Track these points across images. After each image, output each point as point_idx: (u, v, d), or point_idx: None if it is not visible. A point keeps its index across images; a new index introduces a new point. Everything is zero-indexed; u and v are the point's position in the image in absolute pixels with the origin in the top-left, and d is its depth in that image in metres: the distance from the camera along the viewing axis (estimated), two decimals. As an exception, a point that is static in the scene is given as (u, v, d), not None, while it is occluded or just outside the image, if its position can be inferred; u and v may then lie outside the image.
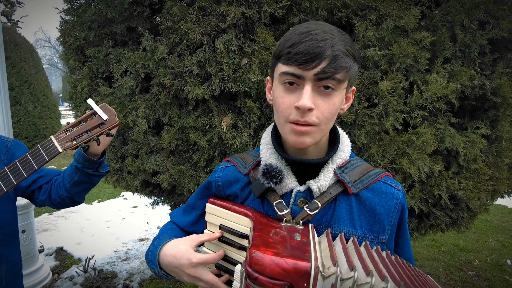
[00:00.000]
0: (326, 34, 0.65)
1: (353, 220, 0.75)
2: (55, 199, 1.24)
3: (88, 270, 3.36)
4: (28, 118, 6.28)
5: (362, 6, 1.54)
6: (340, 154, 0.78)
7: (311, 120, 0.67)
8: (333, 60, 0.64)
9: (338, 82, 0.66)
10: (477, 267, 3.55)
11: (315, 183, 0.74)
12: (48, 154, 1.01)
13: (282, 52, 0.68)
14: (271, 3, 1.51)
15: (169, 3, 1.63)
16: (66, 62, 2.21)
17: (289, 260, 0.59)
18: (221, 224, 0.80)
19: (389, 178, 0.79)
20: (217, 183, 0.87)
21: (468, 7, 1.60)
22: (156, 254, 0.80)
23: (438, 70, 1.62)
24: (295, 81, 0.67)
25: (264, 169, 0.76)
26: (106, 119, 1.03)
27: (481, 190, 1.86)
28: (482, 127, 1.79)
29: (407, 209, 0.80)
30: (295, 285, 0.58)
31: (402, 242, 0.81)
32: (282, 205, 0.75)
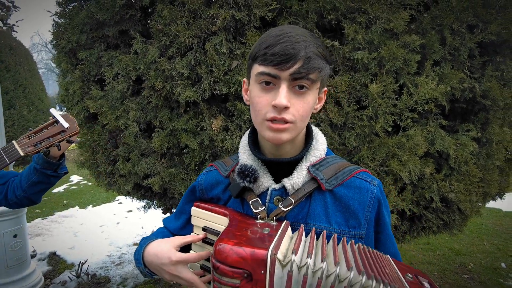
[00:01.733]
0: (299, 36, 0.69)
1: (328, 216, 0.77)
2: (12, 199, 1.29)
3: (81, 275, 3.32)
4: (22, 122, 6.25)
5: (352, 9, 1.55)
6: (314, 152, 0.80)
7: (288, 117, 0.70)
8: (307, 61, 0.68)
9: (311, 82, 0.70)
10: (471, 270, 3.55)
11: (289, 181, 0.77)
12: (9, 157, 1.09)
13: (258, 54, 0.71)
14: (261, 6, 1.52)
15: (160, 6, 1.63)
16: (59, 65, 2.21)
17: (248, 248, 0.61)
18: (204, 225, 0.82)
19: (365, 174, 0.81)
20: (200, 186, 0.91)
21: (456, 11, 1.62)
22: (141, 252, 0.84)
23: (428, 72, 1.63)
24: (271, 80, 0.70)
25: (239, 169, 0.79)
26: (67, 127, 1.13)
27: (472, 192, 1.87)
28: (472, 130, 1.81)
29: (386, 203, 0.81)
30: (253, 272, 0.60)
31: (384, 238, 0.81)
32: (258, 203, 0.77)
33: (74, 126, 1.15)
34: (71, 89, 2.11)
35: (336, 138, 1.61)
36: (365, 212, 0.77)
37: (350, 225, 0.77)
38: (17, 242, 3.04)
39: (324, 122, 1.59)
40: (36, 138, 1.11)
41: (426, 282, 0.67)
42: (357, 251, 0.66)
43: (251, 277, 0.60)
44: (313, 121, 1.58)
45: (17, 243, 3.04)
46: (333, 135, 1.60)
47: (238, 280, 0.61)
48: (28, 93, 6.49)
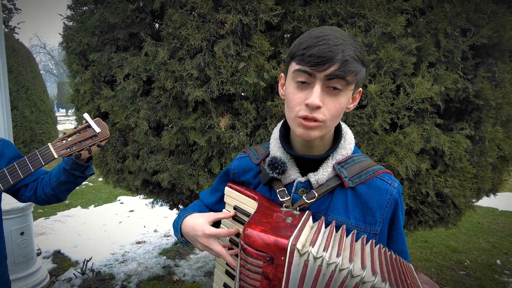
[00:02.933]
0: (338, 39, 0.71)
1: (347, 211, 0.82)
2: (41, 196, 1.35)
3: (86, 272, 3.39)
4: (25, 123, 6.31)
5: (352, 14, 1.65)
6: (341, 151, 0.84)
7: (319, 117, 0.73)
8: (343, 64, 0.70)
9: (346, 83, 0.72)
10: (468, 267, 3.63)
11: (314, 176, 0.82)
12: (45, 159, 1.14)
13: (296, 53, 0.74)
14: (267, 11, 1.61)
15: (171, 11, 1.72)
16: (69, 66, 2.29)
17: (272, 236, 0.69)
18: (235, 205, 0.91)
19: (387, 175, 0.84)
20: (233, 171, 0.98)
21: (450, 16, 1.72)
22: (179, 223, 0.94)
23: (423, 73, 1.72)
24: (306, 79, 0.73)
25: (269, 161, 0.85)
26: (98, 132, 1.18)
27: (466, 188, 1.96)
28: (466, 128, 1.89)
29: (402, 206, 0.85)
30: (274, 257, 0.68)
31: (395, 236, 0.86)
32: (284, 192, 0.83)
33: (105, 131, 1.19)
34: (81, 89, 2.19)
35: (337, 136, 1.69)
36: (382, 212, 0.81)
37: (367, 221, 0.82)
38: (24, 239, 3.11)
39: (326, 120, 1.68)
40: (69, 141, 1.16)
41: None
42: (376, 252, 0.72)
43: (272, 261, 0.69)
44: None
45: (24, 241, 3.11)
46: (334, 132, 1.69)
47: (262, 262, 0.69)
48: (31, 94, 6.55)
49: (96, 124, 1.18)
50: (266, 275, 0.69)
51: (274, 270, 0.69)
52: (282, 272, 0.68)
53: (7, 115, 2.97)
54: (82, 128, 1.18)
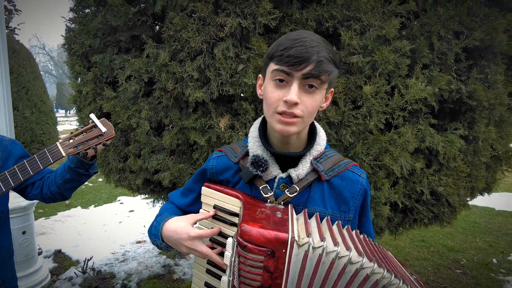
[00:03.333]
0: (313, 42, 0.77)
1: (324, 202, 0.90)
2: (46, 194, 1.39)
3: (87, 271, 3.42)
4: (25, 123, 6.34)
5: (348, 17, 1.69)
6: (316, 147, 0.91)
7: (297, 112, 0.79)
8: (318, 64, 0.76)
9: (321, 82, 0.79)
10: (464, 265, 3.68)
11: (295, 172, 0.88)
12: (53, 156, 1.19)
13: (275, 54, 0.79)
14: (265, 14, 1.65)
15: (171, 14, 1.77)
16: (71, 67, 2.33)
17: (272, 231, 0.73)
18: (215, 204, 0.92)
19: (356, 168, 0.94)
20: (211, 170, 0.99)
21: (443, 19, 1.76)
22: (159, 228, 0.93)
23: (417, 75, 1.77)
24: (285, 78, 0.79)
25: (252, 160, 0.89)
26: (104, 131, 1.23)
27: (460, 186, 2.00)
28: (460, 128, 1.94)
29: (369, 194, 0.95)
30: (275, 251, 0.72)
31: (365, 221, 0.97)
32: (267, 189, 0.88)
33: (111, 131, 1.24)
34: (84, 90, 2.23)
35: (334, 135, 1.74)
36: (354, 200, 0.91)
37: (341, 210, 0.90)
38: (26, 238, 3.14)
39: (322, 120, 1.73)
40: (76, 140, 1.21)
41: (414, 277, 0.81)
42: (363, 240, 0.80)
43: (273, 254, 0.72)
44: (312, 120, 1.72)
45: (26, 240, 3.14)
46: (331, 132, 1.74)
47: (263, 256, 0.72)
48: (31, 95, 6.58)
49: (102, 124, 1.23)
50: (267, 269, 0.72)
51: (276, 263, 0.72)
52: (283, 264, 0.72)
53: (9, 116, 3.01)
54: (89, 128, 1.23)
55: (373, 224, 1.91)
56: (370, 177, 1.79)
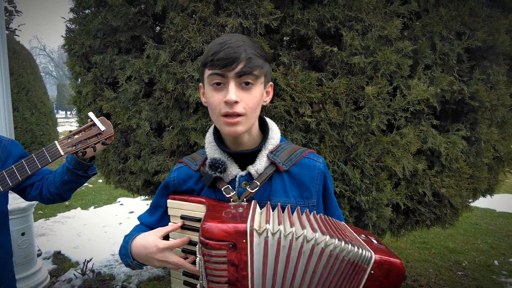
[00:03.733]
0: (239, 42, 0.82)
1: (286, 192, 0.92)
2: (46, 195, 1.38)
3: (86, 273, 3.40)
4: (25, 124, 6.34)
5: (349, 18, 1.68)
6: (271, 141, 0.94)
7: (239, 110, 0.82)
8: (248, 61, 0.81)
9: (255, 77, 0.83)
10: (465, 267, 3.66)
11: (253, 168, 0.91)
12: (51, 156, 1.18)
13: (207, 60, 0.83)
14: (266, 14, 1.65)
15: (172, 14, 1.76)
16: (71, 68, 2.32)
17: (230, 224, 0.74)
18: (182, 214, 0.92)
19: (312, 154, 0.97)
20: (173, 182, 1.00)
21: (445, 19, 1.76)
22: (128, 248, 0.93)
23: (419, 76, 1.76)
24: (221, 80, 0.82)
25: (210, 163, 0.90)
26: (103, 130, 1.21)
27: (462, 188, 1.99)
28: (462, 129, 1.93)
29: (329, 176, 0.98)
30: (236, 243, 0.73)
31: (330, 203, 1.00)
32: (229, 189, 0.90)
33: (110, 130, 1.22)
34: (84, 91, 2.22)
35: (335, 136, 1.73)
36: (314, 184, 0.94)
37: (304, 196, 0.93)
38: (25, 240, 3.12)
39: (324, 121, 1.72)
40: (75, 139, 1.19)
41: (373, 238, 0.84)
42: (319, 219, 0.83)
43: (235, 247, 0.73)
44: (314, 120, 1.71)
45: (25, 241, 3.13)
46: (333, 133, 1.73)
47: (225, 251, 0.73)
48: (31, 96, 6.58)
49: (101, 123, 1.21)
50: (232, 262, 0.73)
51: (239, 254, 0.73)
52: (246, 255, 0.73)
53: (9, 117, 3.00)
54: (87, 127, 1.21)
55: (374, 226, 1.91)
56: (372, 179, 1.78)
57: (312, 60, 1.81)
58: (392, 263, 0.74)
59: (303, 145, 1.75)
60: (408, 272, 3.52)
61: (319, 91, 1.70)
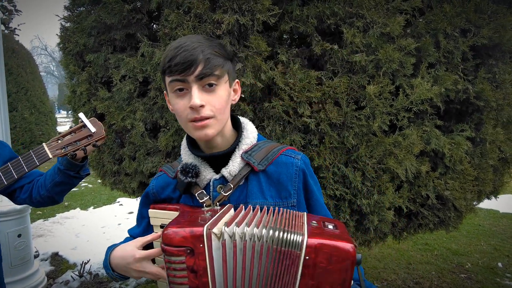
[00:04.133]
0: (195, 43, 0.78)
1: (263, 193, 0.88)
2: (36, 198, 1.34)
3: (84, 275, 3.37)
4: (24, 124, 6.31)
5: (350, 14, 1.63)
6: (245, 141, 0.90)
7: (206, 114, 0.79)
8: (207, 62, 0.77)
9: (217, 77, 0.79)
10: (469, 270, 3.60)
11: (226, 170, 0.87)
12: (39, 159, 1.13)
13: (164, 67, 0.80)
14: (264, 11, 1.59)
15: (167, 11, 1.70)
16: (66, 67, 2.27)
17: (187, 228, 0.71)
18: (161, 223, 0.90)
19: (290, 150, 0.92)
20: (152, 191, 0.98)
21: (450, 16, 1.70)
22: (107, 258, 0.90)
23: (423, 74, 1.70)
24: (183, 86, 0.79)
25: (181, 168, 0.87)
26: (94, 131, 1.16)
27: (467, 190, 1.93)
28: (467, 130, 1.87)
29: (310, 174, 0.92)
30: (194, 248, 0.69)
31: (313, 204, 0.93)
32: (203, 194, 0.87)
33: (101, 131, 1.18)
34: (78, 90, 2.18)
35: (336, 137, 1.67)
36: (292, 183, 0.88)
37: (283, 196, 0.88)
38: (21, 241, 3.09)
39: (324, 122, 1.66)
40: (64, 141, 1.15)
41: (332, 224, 0.77)
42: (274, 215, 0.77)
43: (193, 252, 0.69)
44: (313, 121, 1.66)
45: (21, 243, 3.09)
46: (333, 134, 1.67)
47: (183, 257, 0.69)
48: (30, 95, 6.55)
49: (91, 124, 1.17)
50: (191, 268, 0.70)
51: (197, 260, 0.70)
52: (204, 260, 0.70)
53: (5, 117, 2.96)
54: (77, 128, 1.17)
55: (376, 230, 1.86)
56: (373, 181, 1.72)
57: (312, 58, 1.76)
58: (334, 247, 0.67)
59: (302, 147, 1.70)
60: (410, 275, 3.46)
61: (319, 91, 1.65)
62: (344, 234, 0.73)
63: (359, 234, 1.87)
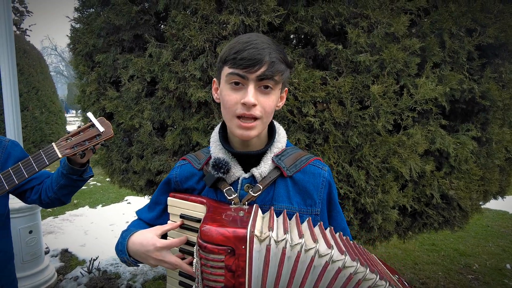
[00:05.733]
0: (264, 44, 0.79)
1: (290, 198, 0.89)
2: (44, 200, 1.36)
3: (92, 271, 3.42)
4: (35, 123, 6.42)
5: (354, 14, 1.64)
6: (277, 145, 0.91)
7: (255, 113, 0.80)
8: (271, 65, 0.78)
9: (275, 82, 0.81)
10: (476, 271, 3.57)
11: (257, 170, 0.88)
12: (49, 158, 1.14)
13: (228, 58, 0.80)
14: (269, 12, 1.61)
15: (174, 12, 1.74)
16: (76, 67, 2.32)
17: (230, 228, 0.71)
18: (181, 213, 0.90)
19: (317, 161, 0.94)
20: (175, 179, 0.97)
21: (455, 15, 1.69)
22: (125, 244, 0.90)
23: (427, 74, 1.70)
24: (240, 81, 0.80)
25: (213, 163, 0.87)
26: (102, 131, 1.17)
27: (472, 190, 1.93)
28: (472, 130, 1.87)
29: (334, 186, 0.95)
30: (235, 248, 0.70)
31: (335, 215, 0.95)
32: (231, 191, 0.87)
33: (109, 130, 1.18)
34: (87, 90, 2.22)
35: (340, 136, 1.69)
36: (318, 193, 0.90)
37: (307, 204, 0.90)
38: (32, 237, 3.16)
39: (328, 121, 1.67)
40: (73, 141, 1.16)
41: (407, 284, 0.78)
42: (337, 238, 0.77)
43: (233, 252, 0.70)
44: (317, 120, 1.67)
45: (32, 239, 3.16)
46: (337, 133, 1.68)
47: (223, 256, 0.70)
48: (41, 95, 6.66)
49: (100, 123, 1.18)
50: (229, 268, 0.70)
51: (237, 260, 0.70)
52: (244, 261, 0.70)
53: (17, 116, 3.03)
54: (86, 128, 1.18)
55: (380, 229, 1.86)
56: (377, 180, 1.73)
57: (316, 58, 1.77)
58: None
59: (306, 146, 1.71)
60: (416, 275, 3.45)
61: (323, 90, 1.66)
62: None
63: (363, 232, 1.88)
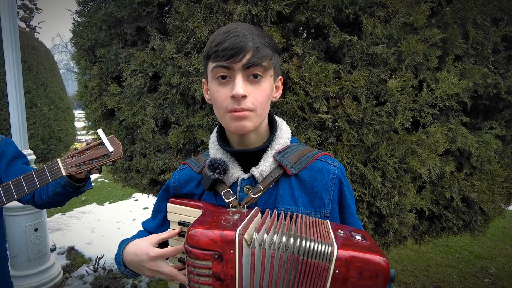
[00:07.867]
0: (245, 30, 0.74)
1: (295, 199, 0.81)
2: (38, 201, 1.33)
3: (98, 270, 3.39)
4: (43, 120, 6.43)
5: (370, 3, 1.52)
6: (278, 141, 0.84)
7: (247, 106, 0.74)
8: (256, 50, 0.73)
9: (264, 69, 0.75)
10: (493, 274, 3.43)
11: (256, 169, 0.81)
12: (52, 175, 1.09)
13: (210, 52, 0.75)
14: (278, 0, 1.51)
15: (177, 2, 1.64)
16: (78, 62, 2.26)
17: (217, 231, 0.65)
18: (180, 220, 0.84)
19: (326, 157, 0.85)
20: (173, 184, 0.93)
21: (480, 4, 1.57)
22: (120, 254, 0.86)
23: (449, 68, 1.58)
24: (226, 73, 0.74)
25: (209, 163, 0.82)
26: (111, 151, 1.10)
27: (495, 192, 1.80)
28: (496, 128, 1.75)
29: (347, 185, 0.85)
30: (223, 253, 0.63)
31: (347, 217, 0.86)
32: (229, 193, 0.81)
33: (119, 151, 1.11)
34: (89, 86, 2.16)
35: (354, 135, 1.58)
36: (328, 192, 0.82)
37: (316, 205, 0.81)
38: (38, 235, 3.14)
39: (341, 118, 1.57)
40: (80, 158, 1.10)
41: (359, 235, 0.70)
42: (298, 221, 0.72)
43: (221, 258, 0.64)
44: (330, 117, 1.56)
45: (38, 237, 3.14)
46: (351, 131, 1.57)
47: (210, 262, 0.64)
48: (49, 92, 6.66)
49: (110, 143, 1.10)
50: (217, 276, 0.64)
51: (225, 267, 0.64)
52: (233, 268, 0.64)
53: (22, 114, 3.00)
54: (94, 146, 1.11)
55: (396, 233, 1.75)
56: (394, 182, 1.61)
57: (329, 50, 1.66)
58: (366, 260, 0.60)
59: (317, 145, 1.61)
60: (429, 278, 3.32)
61: (336, 85, 1.55)
62: (374, 246, 0.66)
63: (377, 237, 1.78)
